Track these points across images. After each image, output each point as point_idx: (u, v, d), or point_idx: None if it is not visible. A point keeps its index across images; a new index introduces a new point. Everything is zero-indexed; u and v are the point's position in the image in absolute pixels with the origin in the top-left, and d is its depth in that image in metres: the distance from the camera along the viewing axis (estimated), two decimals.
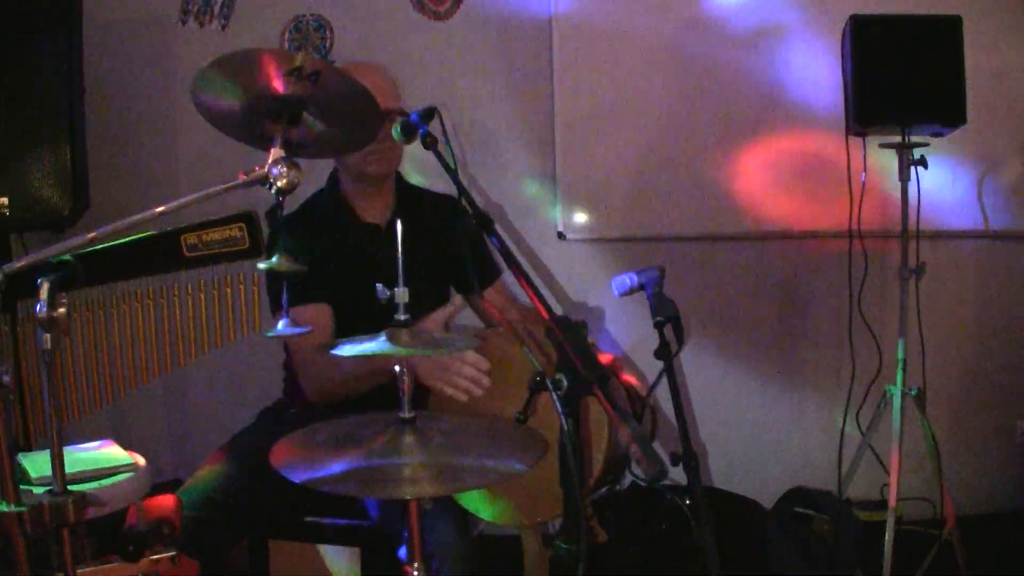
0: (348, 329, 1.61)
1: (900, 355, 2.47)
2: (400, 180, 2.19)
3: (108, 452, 1.86)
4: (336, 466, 1.21)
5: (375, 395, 1.78)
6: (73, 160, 2.32)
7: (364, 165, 2.02)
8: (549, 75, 2.86)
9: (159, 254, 1.28)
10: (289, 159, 1.25)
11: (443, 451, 1.26)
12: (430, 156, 1.63)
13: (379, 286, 1.32)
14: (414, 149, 1.74)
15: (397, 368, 1.30)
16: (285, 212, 2.05)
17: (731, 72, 2.84)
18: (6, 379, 1.07)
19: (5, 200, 2.27)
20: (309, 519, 1.91)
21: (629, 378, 1.84)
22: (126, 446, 1.91)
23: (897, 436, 2.39)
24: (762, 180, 2.90)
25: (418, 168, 2.55)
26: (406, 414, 1.31)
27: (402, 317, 1.31)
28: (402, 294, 1.31)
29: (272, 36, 2.84)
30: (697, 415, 2.93)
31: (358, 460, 1.23)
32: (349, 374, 1.85)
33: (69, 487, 1.12)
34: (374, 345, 1.30)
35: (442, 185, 2.04)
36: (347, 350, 1.32)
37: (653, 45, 2.85)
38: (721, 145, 2.88)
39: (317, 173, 2.07)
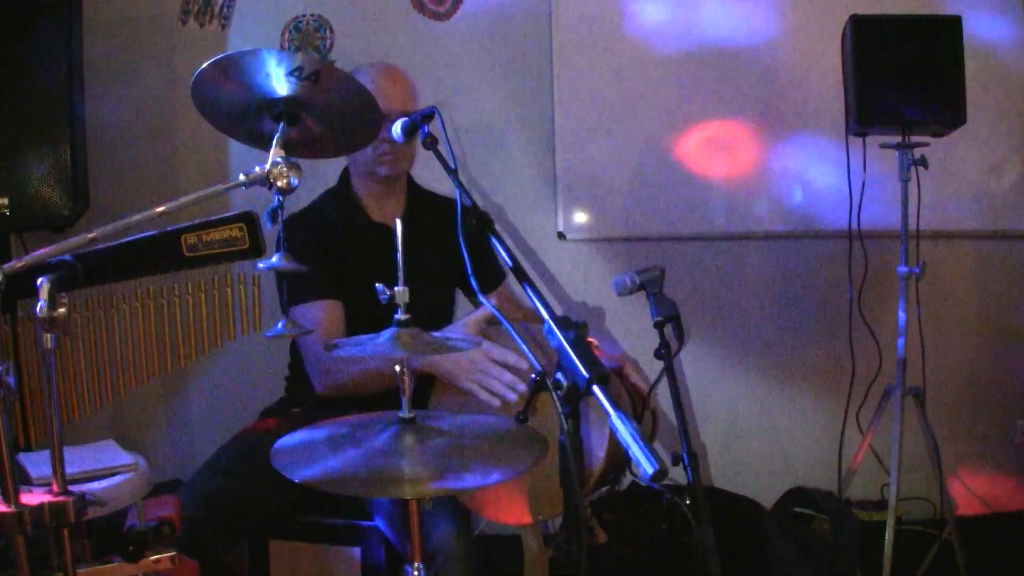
0: (358, 329, 1.61)
1: (900, 355, 2.47)
2: (411, 182, 2.19)
3: (108, 452, 1.86)
4: (336, 466, 1.21)
5: (376, 395, 1.78)
6: (73, 160, 2.32)
7: (375, 166, 2.03)
8: (549, 75, 2.86)
9: (159, 254, 1.28)
10: (289, 159, 1.25)
11: (443, 451, 1.26)
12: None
13: (379, 286, 1.32)
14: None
15: (398, 368, 1.30)
16: (296, 209, 2.09)
17: (732, 72, 2.84)
18: (8, 379, 1.06)
19: (5, 200, 2.27)
20: (309, 519, 1.91)
21: (636, 380, 1.84)
22: (126, 446, 1.91)
23: (897, 436, 2.39)
24: (762, 180, 2.90)
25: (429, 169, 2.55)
26: (406, 414, 1.31)
27: (402, 317, 1.31)
28: (402, 294, 1.31)
29: (272, 36, 2.84)
30: (697, 415, 2.93)
31: (358, 460, 1.23)
32: (367, 372, 1.85)
33: (69, 487, 1.12)
34: (376, 345, 1.30)
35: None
36: (350, 350, 1.32)
37: (654, 45, 2.85)
38: (721, 145, 2.88)
39: (319, 173, 2.07)
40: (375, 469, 1.21)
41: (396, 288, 1.31)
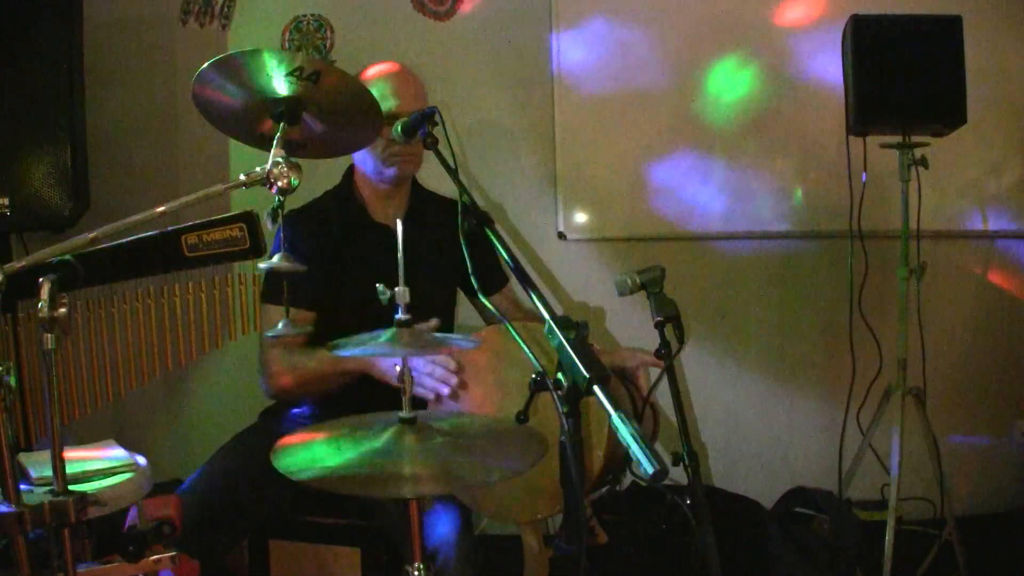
0: (356, 329, 1.61)
1: (900, 355, 2.47)
2: (414, 183, 2.19)
3: (108, 452, 1.86)
4: (336, 466, 1.21)
5: (376, 395, 1.77)
6: (74, 160, 2.32)
7: (385, 167, 2.02)
8: (549, 75, 2.86)
9: (160, 254, 1.28)
10: (289, 159, 1.26)
11: (443, 451, 1.26)
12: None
13: (379, 286, 1.32)
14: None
15: (398, 368, 1.30)
16: (296, 207, 2.08)
17: (732, 72, 2.84)
18: (8, 379, 1.06)
19: (5, 200, 2.25)
20: (309, 519, 1.91)
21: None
22: (126, 446, 1.91)
23: (897, 436, 2.39)
24: (762, 180, 2.90)
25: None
26: (406, 414, 1.31)
27: (403, 317, 1.31)
28: (402, 293, 1.31)
29: (272, 36, 2.84)
30: (697, 415, 2.93)
31: (359, 460, 1.23)
32: (306, 374, 1.87)
33: (69, 487, 1.12)
34: (375, 345, 1.30)
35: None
36: (349, 349, 1.32)
37: (654, 45, 2.85)
38: (721, 145, 2.89)
39: (319, 173, 2.07)
40: (375, 469, 1.21)
41: (396, 288, 1.31)
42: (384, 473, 1.19)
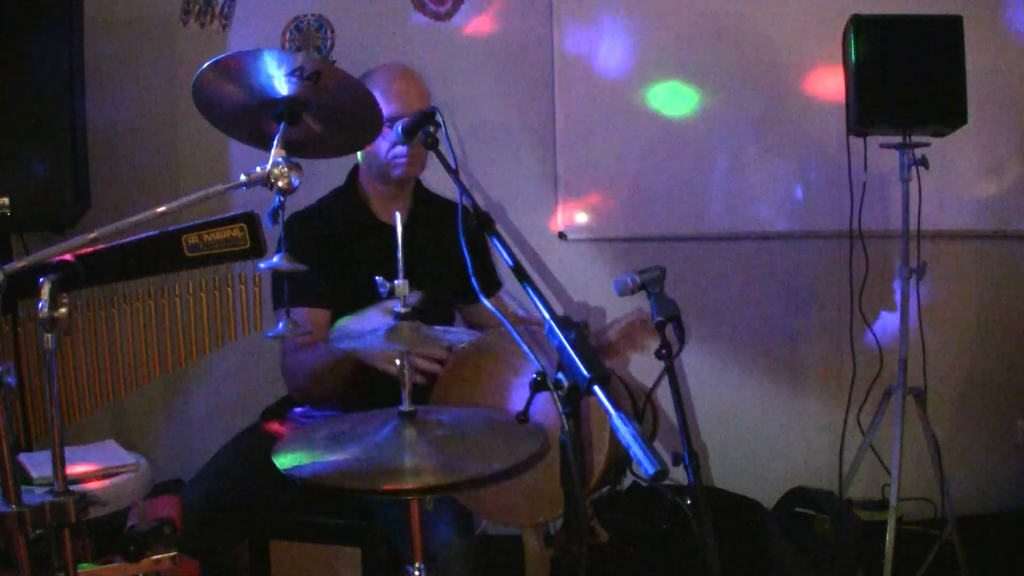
0: None
1: (900, 355, 2.47)
2: (418, 184, 2.19)
3: (109, 452, 1.86)
4: (337, 462, 1.21)
5: (377, 390, 1.77)
6: (74, 160, 2.32)
7: (390, 168, 2.02)
8: (550, 75, 2.86)
9: (160, 254, 1.28)
10: (290, 159, 1.25)
11: (444, 444, 1.26)
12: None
13: (378, 279, 1.32)
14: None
15: (398, 362, 1.30)
16: (302, 207, 2.08)
17: (732, 72, 2.84)
18: (8, 380, 1.06)
19: (6, 200, 2.27)
20: (310, 519, 1.91)
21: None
22: (126, 446, 1.92)
23: (898, 436, 2.39)
24: (762, 180, 2.90)
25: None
26: (407, 408, 1.31)
27: (402, 310, 1.31)
28: (402, 287, 1.31)
29: (273, 36, 2.84)
30: (697, 415, 2.93)
31: (360, 455, 1.23)
32: (316, 371, 1.85)
33: (70, 487, 1.12)
34: (375, 338, 1.30)
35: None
36: (347, 343, 1.32)
37: (654, 45, 2.85)
38: (722, 145, 2.89)
39: (320, 173, 2.07)
40: (377, 463, 1.21)
41: (396, 282, 1.31)
42: (385, 467, 1.20)
